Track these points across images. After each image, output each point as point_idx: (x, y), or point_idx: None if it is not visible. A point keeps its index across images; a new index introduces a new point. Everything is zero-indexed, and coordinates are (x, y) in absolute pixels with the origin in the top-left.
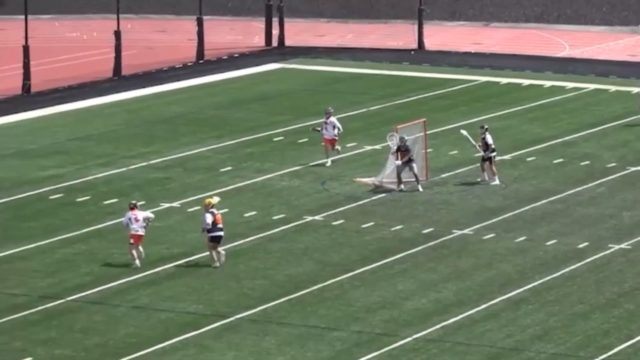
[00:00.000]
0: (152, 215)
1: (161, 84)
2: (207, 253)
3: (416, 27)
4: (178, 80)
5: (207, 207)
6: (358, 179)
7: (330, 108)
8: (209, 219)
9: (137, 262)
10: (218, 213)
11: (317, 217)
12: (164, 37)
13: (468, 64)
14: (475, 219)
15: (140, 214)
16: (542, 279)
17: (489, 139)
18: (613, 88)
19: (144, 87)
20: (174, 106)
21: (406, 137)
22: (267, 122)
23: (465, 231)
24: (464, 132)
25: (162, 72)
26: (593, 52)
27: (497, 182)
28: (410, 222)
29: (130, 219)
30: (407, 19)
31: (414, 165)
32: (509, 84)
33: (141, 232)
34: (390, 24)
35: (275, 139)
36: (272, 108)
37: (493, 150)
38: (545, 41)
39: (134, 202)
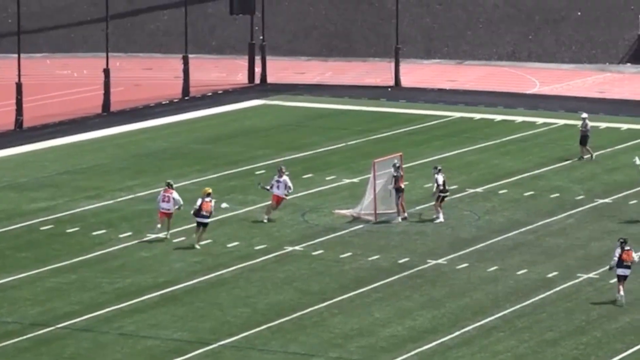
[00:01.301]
0: (182, 202)
1: (148, 119)
2: (191, 282)
3: (393, 65)
4: (164, 116)
5: (204, 195)
6: (337, 211)
7: (283, 167)
8: (198, 202)
9: (159, 226)
10: (208, 201)
11: (297, 248)
12: (151, 75)
13: (443, 101)
14: (449, 249)
15: (174, 195)
16: (513, 307)
17: (439, 179)
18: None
19: (131, 123)
20: (160, 141)
21: (397, 164)
22: (250, 156)
23: (440, 261)
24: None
25: (149, 108)
26: (562, 89)
27: (441, 219)
28: (386, 252)
29: (161, 197)
30: (384, 57)
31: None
32: (482, 119)
33: (171, 210)
34: (368, 62)
35: (257, 173)
36: (254, 143)
37: (443, 191)
38: (517, 78)
39: (170, 181)
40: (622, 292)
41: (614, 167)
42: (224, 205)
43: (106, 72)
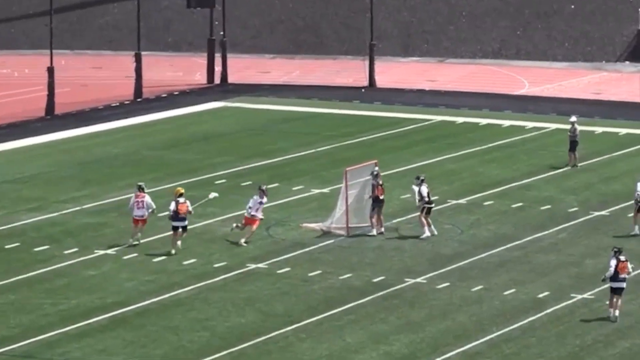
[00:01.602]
0: (154, 206)
1: (96, 123)
2: (143, 303)
3: (367, 63)
4: (114, 120)
5: (175, 195)
6: (305, 225)
7: (264, 186)
8: (172, 206)
9: (131, 240)
10: (183, 202)
11: (260, 265)
12: (100, 74)
13: (422, 103)
14: (428, 267)
15: (146, 200)
16: (499, 330)
17: (423, 190)
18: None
19: (78, 127)
20: (110, 147)
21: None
22: (209, 164)
23: (418, 280)
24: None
25: (98, 111)
26: (554, 90)
27: (427, 233)
28: (359, 270)
29: (134, 203)
30: (358, 55)
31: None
32: (465, 123)
33: (145, 216)
34: (339, 60)
35: (217, 182)
36: (214, 149)
37: (428, 202)
38: (504, 78)
39: (141, 184)
40: (617, 310)
41: (611, 176)
42: (212, 195)
43: (50, 71)
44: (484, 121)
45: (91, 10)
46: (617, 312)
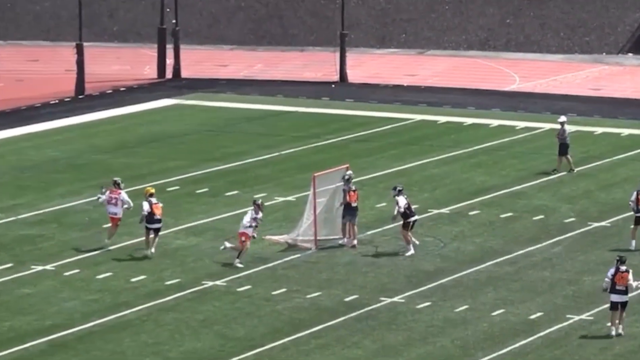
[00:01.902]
0: (131, 204)
1: (33, 123)
2: (86, 325)
3: (338, 55)
4: (53, 119)
5: (146, 196)
6: (268, 237)
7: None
8: (145, 207)
9: (108, 242)
10: (156, 203)
11: (218, 282)
12: (36, 68)
13: (400, 100)
14: (407, 285)
15: (122, 196)
16: (486, 355)
17: (401, 201)
18: (572, 128)
19: (12, 127)
20: (48, 150)
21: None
22: (159, 168)
23: (396, 299)
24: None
25: (34, 109)
26: (548, 86)
27: (412, 251)
28: (329, 288)
29: (106, 200)
30: (327, 46)
31: (356, 218)
32: (448, 123)
33: (119, 214)
34: (307, 52)
35: (169, 189)
36: (166, 152)
37: (408, 215)
38: (492, 72)
39: (117, 179)
40: (620, 329)
41: (613, 183)
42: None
43: None
44: (469, 121)
45: None
46: (620, 329)
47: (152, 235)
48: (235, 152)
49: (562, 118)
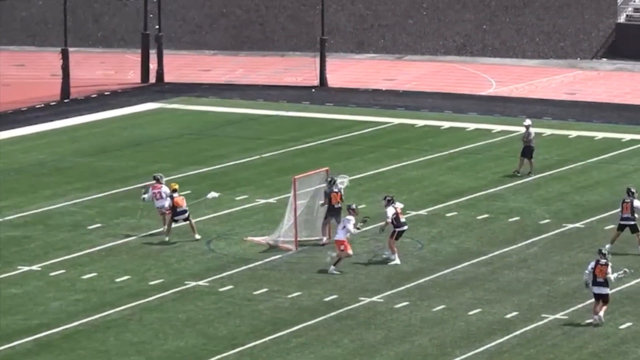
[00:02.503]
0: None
1: (19, 127)
2: (72, 324)
3: (318, 60)
4: (39, 123)
5: (170, 191)
6: (249, 238)
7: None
8: (166, 204)
9: (167, 238)
10: (178, 196)
11: (201, 283)
12: (23, 72)
13: (378, 104)
14: (385, 285)
15: (163, 190)
16: (463, 354)
17: (389, 212)
18: (548, 132)
19: None
20: (34, 153)
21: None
22: (143, 171)
23: (375, 299)
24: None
25: (21, 113)
26: (524, 90)
27: (397, 261)
28: (309, 288)
29: (151, 196)
30: (307, 51)
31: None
32: (425, 126)
33: (167, 206)
34: (287, 57)
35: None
36: (149, 155)
37: (398, 225)
38: (469, 77)
39: (157, 175)
40: (601, 313)
41: (587, 185)
42: (211, 195)
43: None
44: (446, 124)
45: (12, 1)
46: (601, 314)
47: (184, 223)
48: (217, 155)
49: (527, 121)
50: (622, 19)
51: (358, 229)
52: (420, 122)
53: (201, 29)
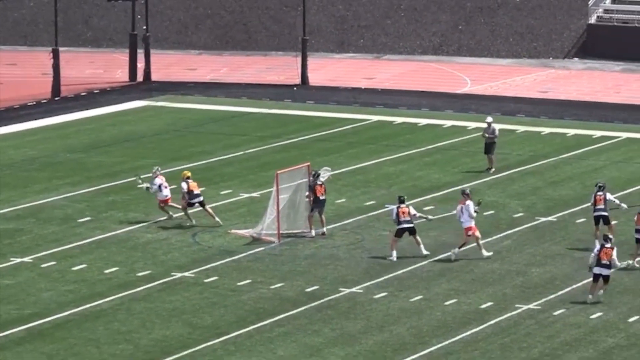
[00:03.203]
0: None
1: (11, 124)
2: (62, 314)
3: (299, 59)
4: (30, 120)
5: (184, 178)
6: (233, 231)
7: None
8: (183, 187)
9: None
10: (191, 182)
11: (187, 274)
12: (15, 71)
13: (358, 102)
14: (365, 276)
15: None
16: (440, 343)
17: (394, 212)
18: (521, 129)
19: None
20: (25, 149)
21: (323, 173)
22: (131, 167)
23: (354, 289)
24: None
25: (13, 111)
26: (498, 88)
27: (393, 258)
28: (292, 279)
29: (160, 185)
30: (289, 51)
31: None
32: (403, 123)
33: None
34: (270, 57)
35: (140, 186)
36: (136, 151)
37: (399, 223)
38: (445, 76)
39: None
40: (601, 292)
41: (559, 180)
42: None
43: None
44: (423, 121)
45: (5, 3)
46: (600, 297)
47: (200, 208)
48: (202, 151)
49: (489, 119)
50: (593, 19)
51: (476, 212)
52: (398, 119)
53: (187, 30)
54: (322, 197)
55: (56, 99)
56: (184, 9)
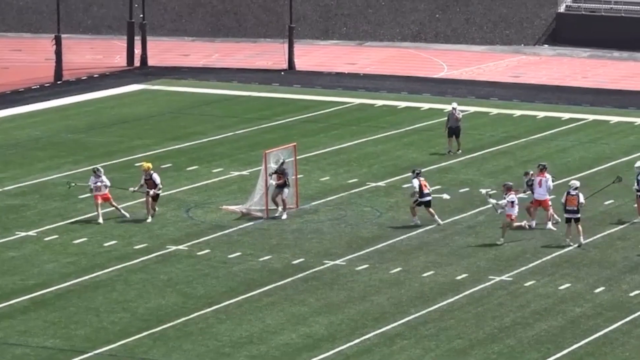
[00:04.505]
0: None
1: (16, 106)
2: (64, 284)
3: (286, 46)
4: (34, 102)
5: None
6: (224, 207)
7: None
8: (158, 179)
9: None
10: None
11: (180, 247)
12: (20, 57)
13: (341, 85)
14: (347, 249)
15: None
16: (418, 312)
17: (415, 183)
18: (494, 111)
19: None
20: (30, 130)
21: (285, 159)
22: (128, 146)
23: (338, 262)
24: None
25: (18, 94)
26: (473, 73)
27: (416, 221)
28: (279, 252)
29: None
30: (277, 38)
31: (286, 190)
32: (384, 106)
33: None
34: (259, 43)
35: (137, 165)
36: (133, 132)
37: (420, 195)
38: (423, 61)
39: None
40: (580, 239)
41: (529, 160)
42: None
43: None
44: (402, 104)
45: None
46: (580, 240)
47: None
48: (195, 132)
49: (454, 104)
50: (562, 8)
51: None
52: (379, 102)
53: (181, 18)
54: (286, 182)
55: (58, 82)
56: None
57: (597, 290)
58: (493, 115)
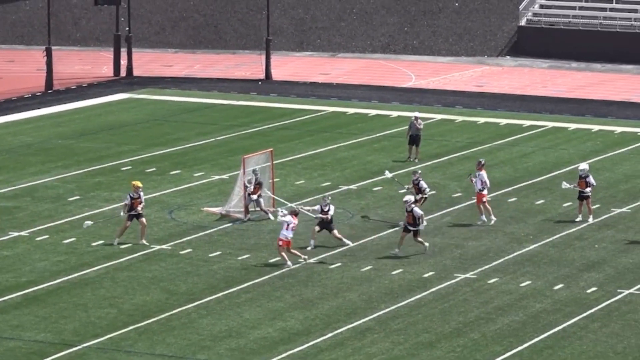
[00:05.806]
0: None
1: (9, 113)
2: (55, 282)
3: (264, 57)
4: (26, 110)
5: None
6: (205, 209)
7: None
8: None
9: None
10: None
11: (164, 246)
12: (12, 67)
13: (315, 94)
14: (321, 249)
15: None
16: (387, 308)
17: (422, 185)
18: (459, 118)
19: None
20: (22, 136)
21: (258, 173)
22: (115, 151)
23: (312, 261)
24: (388, 174)
25: (11, 102)
26: (439, 83)
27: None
28: (256, 251)
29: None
30: (255, 49)
31: (261, 200)
32: (355, 114)
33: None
34: (238, 54)
35: (123, 169)
36: (120, 138)
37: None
38: (392, 72)
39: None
40: (588, 215)
41: (493, 164)
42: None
43: None
44: (373, 112)
45: (3, 6)
46: (589, 219)
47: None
48: (178, 138)
49: (416, 113)
50: (523, 22)
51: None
52: (351, 110)
53: (165, 31)
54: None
55: (49, 91)
56: (161, 12)
57: (556, 287)
58: (458, 123)
